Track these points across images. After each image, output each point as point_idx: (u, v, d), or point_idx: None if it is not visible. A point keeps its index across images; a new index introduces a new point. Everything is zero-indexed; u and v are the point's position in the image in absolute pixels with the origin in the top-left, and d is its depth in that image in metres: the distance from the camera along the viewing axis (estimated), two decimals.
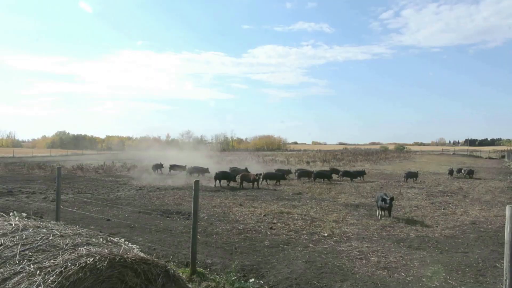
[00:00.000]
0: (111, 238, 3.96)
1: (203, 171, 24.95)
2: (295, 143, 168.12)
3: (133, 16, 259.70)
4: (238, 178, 20.07)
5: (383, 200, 11.37)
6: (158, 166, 27.91)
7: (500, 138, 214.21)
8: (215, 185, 19.66)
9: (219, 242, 8.56)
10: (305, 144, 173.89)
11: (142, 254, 3.45)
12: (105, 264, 2.98)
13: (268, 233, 9.50)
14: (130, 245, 7.40)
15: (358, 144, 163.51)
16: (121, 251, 3.29)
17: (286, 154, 64.25)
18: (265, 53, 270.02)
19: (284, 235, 9.26)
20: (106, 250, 3.21)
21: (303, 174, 24.22)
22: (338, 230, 9.85)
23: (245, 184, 19.45)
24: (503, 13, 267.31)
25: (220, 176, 20.09)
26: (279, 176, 21.68)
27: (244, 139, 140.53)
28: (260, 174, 20.57)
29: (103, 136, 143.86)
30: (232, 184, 20.04)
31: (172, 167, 27.47)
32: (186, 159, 31.87)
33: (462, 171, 27.86)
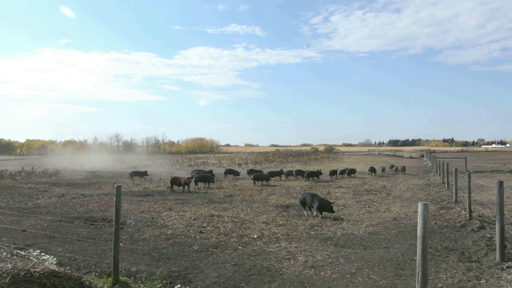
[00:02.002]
0: (19, 251, 3.66)
1: (142, 174, 26.31)
2: (228, 145, 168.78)
3: (56, 11, 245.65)
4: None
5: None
6: (138, 174, 26.90)
7: (420, 139, 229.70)
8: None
9: (146, 248, 8.27)
10: (237, 146, 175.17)
11: (53, 267, 3.21)
12: (6, 281, 2.71)
13: (198, 237, 9.34)
14: (44, 257, 6.94)
15: (290, 146, 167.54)
16: (28, 266, 3.02)
17: (218, 156, 64.13)
18: (197, 54, 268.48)
19: (214, 239, 9.16)
20: (9, 265, 2.92)
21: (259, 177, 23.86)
22: (268, 232, 9.91)
23: (176, 187, 19.07)
24: (422, 22, 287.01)
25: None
26: (208, 177, 21.66)
27: (176, 142, 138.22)
28: (191, 178, 20.29)
29: (22, 140, 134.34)
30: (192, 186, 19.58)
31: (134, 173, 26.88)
32: (112, 163, 30.67)
33: (395, 167, 33.34)
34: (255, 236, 9.40)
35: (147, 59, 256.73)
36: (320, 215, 11.95)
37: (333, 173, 26.90)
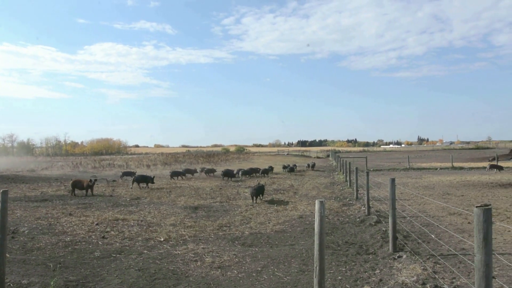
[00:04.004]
0: None
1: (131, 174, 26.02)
2: (137, 146, 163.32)
3: None
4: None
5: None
6: (129, 174, 26.75)
7: (326, 140, 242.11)
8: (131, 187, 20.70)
9: (41, 258, 7.63)
10: (147, 147, 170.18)
11: None
12: None
13: (100, 243, 8.85)
14: None
15: (201, 147, 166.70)
16: None
17: (126, 158, 61.66)
18: (104, 50, 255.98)
19: (118, 244, 8.75)
20: None
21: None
22: (175, 234, 9.71)
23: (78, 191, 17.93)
24: (328, 28, 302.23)
25: (139, 179, 21.18)
26: (148, 178, 21.40)
27: (79, 143, 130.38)
28: (95, 180, 19.25)
29: None
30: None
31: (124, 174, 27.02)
32: (5, 165, 28.07)
33: (308, 165, 38.75)
34: (162, 239, 9.16)
35: (46, 53, 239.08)
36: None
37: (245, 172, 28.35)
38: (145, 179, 21.31)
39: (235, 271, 6.85)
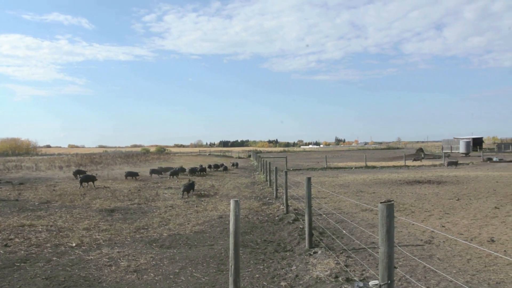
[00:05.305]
0: None
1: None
2: (48, 146, 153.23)
3: None
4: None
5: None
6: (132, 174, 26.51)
7: (248, 140, 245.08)
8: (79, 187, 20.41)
9: None
10: (60, 147, 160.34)
11: None
12: None
13: (2, 251, 8.13)
14: None
15: (119, 147, 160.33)
16: None
17: (35, 159, 57.49)
18: (10, 43, 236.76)
19: (23, 252, 8.09)
20: None
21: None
22: (89, 238, 9.22)
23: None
24: (251, 30, 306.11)
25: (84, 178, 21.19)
26: (91, 177, 21.45)
27: None
28: None
29: None
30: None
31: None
32: None
33: (232, 164, 41.28)
34: (74, 244, 8.65)
35: None
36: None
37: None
38: (90, 178, 21.48)
39: (152, 274, 6.65)
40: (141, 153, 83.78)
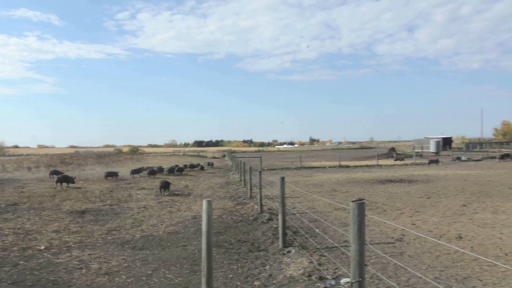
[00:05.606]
0: None
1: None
2: (16, 146, 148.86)
3: None
4: None
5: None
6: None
7: (223, 140, 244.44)
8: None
9: None
10: (28, 148, 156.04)
11: None
12: None
13: None
14: None
15: (91, 147, 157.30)
16: None
17: (2, 159, 55.71)
18: None
19: None
20: None
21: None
22: (58, 241, 8.99)
23: None
24: (226, 29, 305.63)
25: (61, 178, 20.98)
26: (69, 179, 21.26)
27: None
28: None
29: None
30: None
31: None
32: None
33: (208, 164, 42.25)
34: (42, 248, 8.42)
35: None
36: None
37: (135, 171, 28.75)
38: (68, 179, 21.31)
39: (124, 276, 6.54)
40: (113, 153, 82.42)
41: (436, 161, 37.08)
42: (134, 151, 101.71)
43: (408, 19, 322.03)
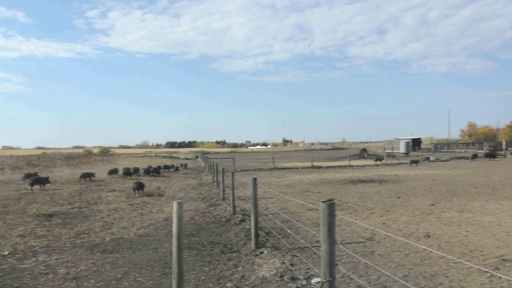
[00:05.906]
0: None
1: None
2: None
3: None
4: None
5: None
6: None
7: (195, 141, 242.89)
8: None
9: None
10: None
11: None
12: None
13: None
14: None
15: (59, 148, 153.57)
16: None
17: None
18: None
19: None
20: None
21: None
22: (23, 246, 8.70)
23: None
24: (199, 30, 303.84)
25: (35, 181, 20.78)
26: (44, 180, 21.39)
27: None
28: None
29: None
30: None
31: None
32: None
33: (181, 165, 42.04)
34: (6, 253, 8.12)
35: None
36: None
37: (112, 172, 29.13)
38: (42, 181, 21.34)
39: (93, 281, 6.38)
40: (83, 154, 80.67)
41: (417, 162, 38.18)
42: (105, 152, 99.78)
43: (379, 22, 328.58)
